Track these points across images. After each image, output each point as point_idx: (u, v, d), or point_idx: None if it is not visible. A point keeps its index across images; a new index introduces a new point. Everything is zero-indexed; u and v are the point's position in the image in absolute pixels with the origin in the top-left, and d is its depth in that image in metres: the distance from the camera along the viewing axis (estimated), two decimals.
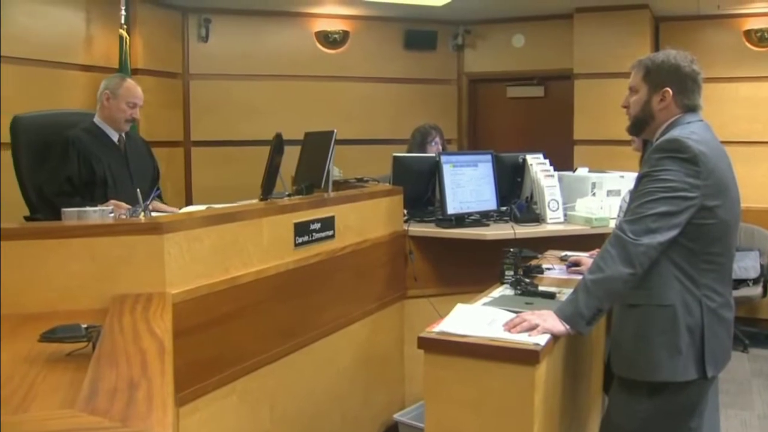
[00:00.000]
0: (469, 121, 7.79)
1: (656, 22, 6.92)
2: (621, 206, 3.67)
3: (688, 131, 2.40)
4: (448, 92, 7.68)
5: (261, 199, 3.30)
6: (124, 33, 5.72)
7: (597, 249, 3.22)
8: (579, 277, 2.69)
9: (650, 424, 2.46)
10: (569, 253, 3.56)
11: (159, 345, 1.75)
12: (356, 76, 7.22)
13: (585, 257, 3.33)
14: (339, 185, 4.14)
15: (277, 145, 3.27)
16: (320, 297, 3.35)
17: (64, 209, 2.64)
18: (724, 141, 2.55)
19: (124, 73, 5.45)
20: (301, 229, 3.19)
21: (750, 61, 6.63)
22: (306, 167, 3.74)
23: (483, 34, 7.57)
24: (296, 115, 6.54)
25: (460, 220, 4.09)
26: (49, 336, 1.72)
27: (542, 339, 2.26)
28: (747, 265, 6.01)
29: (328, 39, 7.15)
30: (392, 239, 3.97)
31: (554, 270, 3.35)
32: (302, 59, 7.07)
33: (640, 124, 2.57)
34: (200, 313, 2.58)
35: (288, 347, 3.13)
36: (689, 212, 2.32)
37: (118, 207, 3.21)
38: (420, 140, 5.10)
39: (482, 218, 4.19)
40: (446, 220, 4.06)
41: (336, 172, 4.09)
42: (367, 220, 3.75)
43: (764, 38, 6.61)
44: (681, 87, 2.48)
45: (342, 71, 7.17)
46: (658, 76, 2.49)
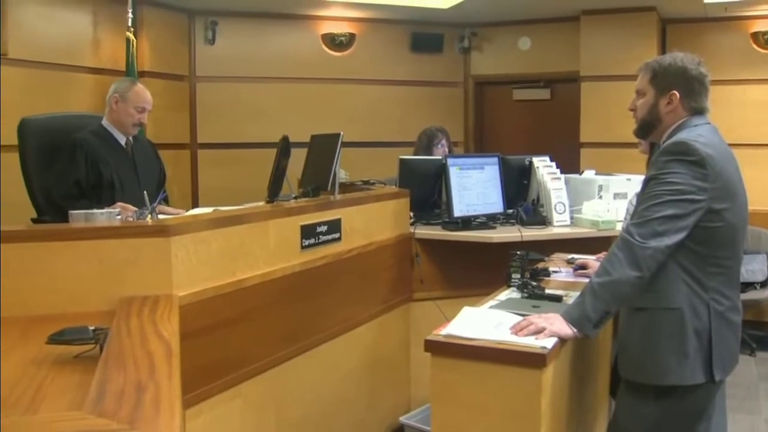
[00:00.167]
0: (476, 124, 7.79)
1: (663, 25, 6.91)
2: (628, 209, 3.66)
3: (696, 134, 2.39)
4: (455, 95, 7.68)
5: (267, 202, 3.30)
6: (131, 36, 5.73)
7: (604, 252, 3.22)
8: (586, 280, 2.69)
9: (657, 428, 2.45)
10: (576, 256, 3.55)
11: (166, 347, 1.75)
12: (362, 79, 7.22)
13: (592, 260, 3.33)
14: (345, 188, 4.14)
15: (284, 148, 3.28)
16: (326, 300, 3.35)
17: (72, 211, 2.64)
18: (732, 144, 2.54)
19: (131, 76, 5.48)
20: (308, 232, 3.19)
21: (757, 64, 6.61)
22: (312, 170, 3.75)
23: (489, 37, 7.57)
24: (303, 118, 6.55)
25: (467, 223, 4.09)
26: (57, 338, 1.72)
27: (549, 342, 2.26)
28: (754, 268, 6.00)
29: (335, 41, 7.16)
30: (399, 242, 3.97)
31: (561, 273, 3.35)
32: (309, 62, 7.08)
33: (647, 127, 2.56)
34: (206, 316, 2.58)
35: (294, 350, 3.12)
36: (697, 215, 2.31)
37: (125, 209, 3.21)
38: (426, 143, 5.10)
39: (489, 221, 4.19)
40: (453, 223, 4.05)
41: (342, 175, 4.10)
42: (374, 223, 3.74)
43: None
44: (688, 90, 2.47)
45: (348, 74, 7.18)
46: (665, 79, 2.48)
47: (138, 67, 5.84)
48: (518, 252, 3.13)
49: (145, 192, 2.98)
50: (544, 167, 4.37)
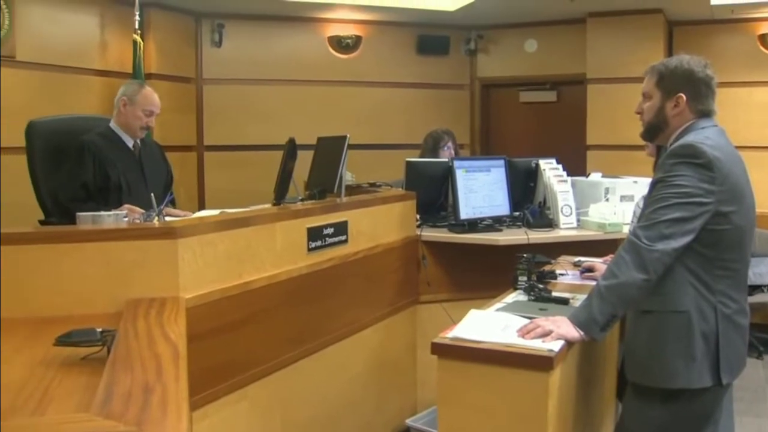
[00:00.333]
0: (482, 126, 7.78)
1: (670, 27, 6.90)
2: (635, 212, 3.66)
3: (703, 136, 2.38)
4: (461, 97, 7.68)
5: (274, 204, 3.31)
6: (138, 38, 5.75)
7: (610, 255, 3.21)
8: (593, 283, 2.68)
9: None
10: (582, 259, 3.54)
11: (173, 350, 1.75)
12: (369, 81, 7.23)
13: (598, 263, 3.32)
14: (352, 190, 4.14)
15: (290, 150, 3.28)
16: (333, 302, 3.35)
17: (79, 213, 2.66)
18: (739, 146, 2.53)
19: (138, 78, 5.49)
20: (315, 234, 3.19)
21: (764, 66, 6.59)
22: (319, 172, 3.75)
23: (496, 39, 7.57)
24: (309, 120, 6.56)
25: (473, 226, 4.08)
26: (65, 340, 1.73)
27: (556, 345, 2.25)
28: (762, 271, 5.98)
29: (341, 44, 7.17)
30: (405, 244, 3.97)
31: (567, 276, 3.34)
32: (315, 64, 7.09)
33: (654, 130, 2.56)
34: (213, 318, 2.58)
35: (300, 352, 3.12)
36: (704, 218, 2.31)
37: (132, 211, 3.22)
38: (432, 145, 5.10)
39: (495, 223, 4.19)
40: (459, 225, 4.05)
41: (349, 177, 4.09)
42: (380, 225, 3.74)
43: None
44: (695, 92, 2.46)
45: (355, 76, 7.19)
46: (672, 82, 2.48)
47: (145, 70, 5.87)
48: (525, 255, 3.12)
49: (152, 194, 2.98)
50: (551, 170, 4.36)
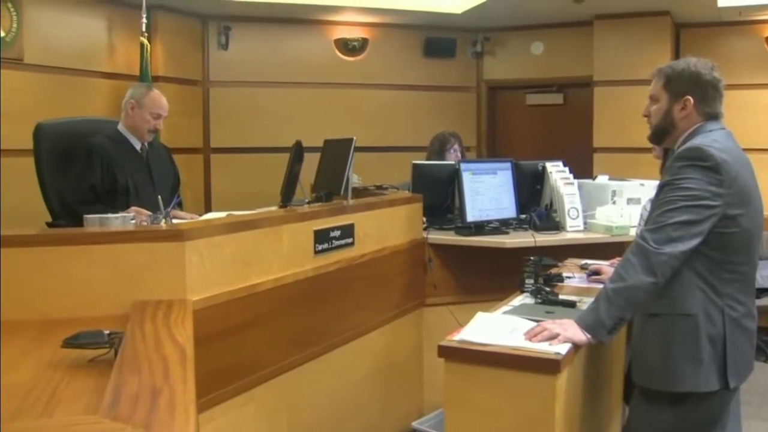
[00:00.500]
0: (488, 129, 7.78)
1: (677, 29, 6.88)
2: (642, 214, 3.65)
3: (710, 139, 2.38)
4: (467, 99, 7.68)
5: (281, 207, 3.31)
6: (145, 41, 5.77)
7: (617, 257, 3.21)
8: (600, 286, 2.68)
9: None
10: (589, 262, 3.53)
11: (181, 352, 1.76)
12: (375, 84, 7.24)
13: (605, 266, 3.31)
14: (358, 192, 4.15)
15: (297, 153, 3.28)
16: (339, 305, 3.35)
17: (86, 216, 2.66)
18: (746, 149, 2.52)
19: (145, 81, 5.51)
20: (321, 237, 3.19)
21: None
22: (325, 174, 3.75)
23: (502, 42, 7.57)
24: (315, 123, 6.57)
25: (480, 228, 4.08)
26: (72, 342, 1.73)
27: (563, 348, 2.25)
28: None
29: (348, 46, 7.17)
30: (411, 247, 3.96)
31: (574, 278, 3.33)
32: (321, 67, 7.10)
33: (662, 133, 2.55)
34: (220, 321, 2.58)
35: (306, 355, 3.12)
36: (711, 221, 2.30)
37: (140, 214, 3.23)
38: (439, 147, 5.09)
39: (502, 226, 4.18)
40: (465, 228, 4.04)
41: (355, 180, 4.10)
42: (387, 228, 3.74)
43: None
44: (702, 95, 2.45)
45: (361, 78, 7.20)
46: (679, 85, 2.47)
47: (152, 72, 5.88)
48: (531, 257, 3.12)
49: (160, 197, 2.99)
50: (557, 172, 4.35)
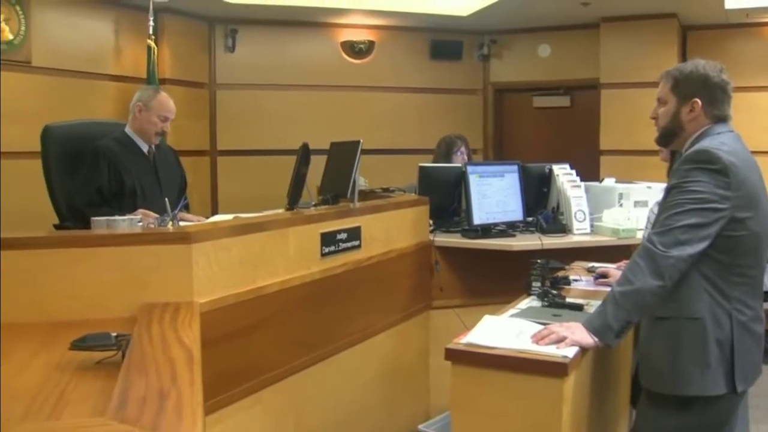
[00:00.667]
0: (495, 131, 7.77)
1: (684, 32, 6.87)
2: (649, 217, 3.63)
3: (718, 142, 2.37)
4: (474, 102, 7.68)
5: (287, 209, 3.31)
6: (152, 43, 5.78)
7: (624, 260, 3.20)
8: (607, 289, 2.67)
9: None
10: (596, 265, 3.53)
11: (188, 354, 1.76)
12: (382, 86, 7.24)
13: (612, 269, 3.30)
14: (365, 195, 4.14)
15: (304, 155, 3.28)
16: (346, 307, 3.35)
17: (94, 218, 2.66)
18: (754, 151, 2.52)
19: (152, 83, 5.52)
20: (328, 239, 3.19)
21: None
22: (332, 177, 3.75)
23: (509, 44, 7.56)
24: (322, 125, 6.57)
25: (486, 231, 4.07)
26: (80, 344, 1.73)
27: (570, 351, 2.24)
28: None
29: (354, 49, 7.18)
30: (418, 250, 3.96)
31: (581, 281, 3.33)
32: (328, 69, 7.10)
33: (669, 136, 2.54)
34: (227, 323, 2.58)
35: (313, 357, 3.12)
36: (719, 224, 2.29)
37: (147, 216, 3.23)
38: (445, 150, 5.09)
39: (508, 229, 4.18)
40: (472, 231, 4.04)
41: (362, 182, 4.09)
42: (393, 231, 3.74)
43: None
44: (710, 97, 2.44)
45: (368, 81, 7.20)
46: (687, 87, 2.46)
47: (159, 75, 5.89)
48: (538, 260, 3.11)
49: (167, 199, 2.99)
50: (564, 175, 4.35)
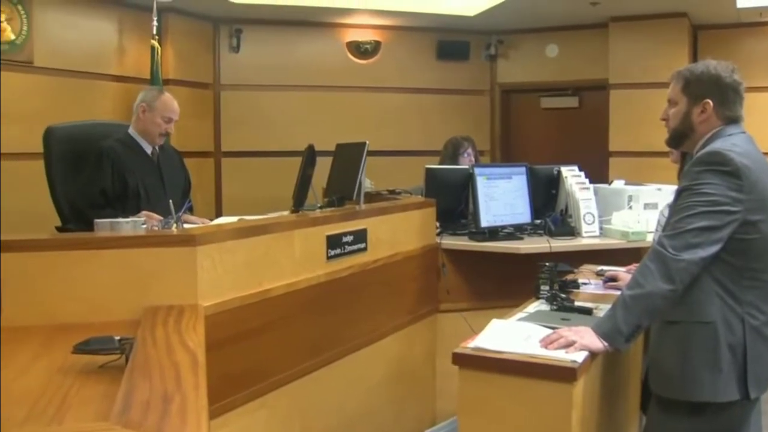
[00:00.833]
0: (502, 133, 7.75)
1: (694, 31, 6.84)
2: (659, 220, 3.60)
3: (730, 143, 2.34)
4: (481, 103, 7.66)
5: (292, 211, 3.29)
6: (156, 44, 5.78)
7: (634, 264, 3.16)
8: (616, 293, 2.65)
9: None
10: (606, 268, 3.49)
11: (192, 358, 1.74)
12: (388, 87, 7.22)
13: (622, 272, 3.27)
14: (371, 197, 4.12)
15: (309, 157, 3.26)
16: (352, 311, 3.32)
17: (97, 220, 2.65)
18: (766, 153, 2.48)
19: (156, 84, 5.51)
20: (334, 242, 3.16)
21: None
22: (338, 179, 3.73)
23: (516, 44, 7.54)
24: (328, 126, 6.56)
25: (494, 233, 4.04)
26: (83, 348, 1.72)
27: (580, 356, 2.22)
28: None
29: (360, 49, 7.16)
30: (425, 252, 3.93)
31: (590, 285, 3.29)
32: (334, 70, 7.09)
33: (680, 137, 2.51)
34: (231, 326, 2.56)
35: (319, 361, 3.10)
36: (731, 227, 2.26)
37: (151, 218, 3.21)
38: (452, 152, 5.07)
39: (516, 231, 4.14)
40: (479, 233, 4.01)
41: (368, 184, 4.07)
42: (400, 233, 3.71)
43: None
44: (722, 98, 2.41)
45: (374, 82, 7.18)
46: (698, 88, 2.43)
47: (162, 75, 5.89)
48: (547, 263, 3.08)
49: (171, 201, 2.97)
50: (573, 177, 4.31)
